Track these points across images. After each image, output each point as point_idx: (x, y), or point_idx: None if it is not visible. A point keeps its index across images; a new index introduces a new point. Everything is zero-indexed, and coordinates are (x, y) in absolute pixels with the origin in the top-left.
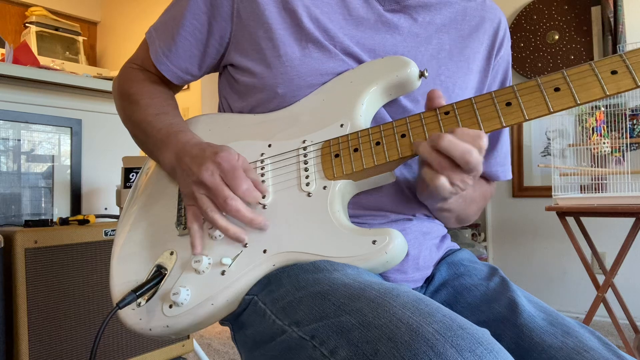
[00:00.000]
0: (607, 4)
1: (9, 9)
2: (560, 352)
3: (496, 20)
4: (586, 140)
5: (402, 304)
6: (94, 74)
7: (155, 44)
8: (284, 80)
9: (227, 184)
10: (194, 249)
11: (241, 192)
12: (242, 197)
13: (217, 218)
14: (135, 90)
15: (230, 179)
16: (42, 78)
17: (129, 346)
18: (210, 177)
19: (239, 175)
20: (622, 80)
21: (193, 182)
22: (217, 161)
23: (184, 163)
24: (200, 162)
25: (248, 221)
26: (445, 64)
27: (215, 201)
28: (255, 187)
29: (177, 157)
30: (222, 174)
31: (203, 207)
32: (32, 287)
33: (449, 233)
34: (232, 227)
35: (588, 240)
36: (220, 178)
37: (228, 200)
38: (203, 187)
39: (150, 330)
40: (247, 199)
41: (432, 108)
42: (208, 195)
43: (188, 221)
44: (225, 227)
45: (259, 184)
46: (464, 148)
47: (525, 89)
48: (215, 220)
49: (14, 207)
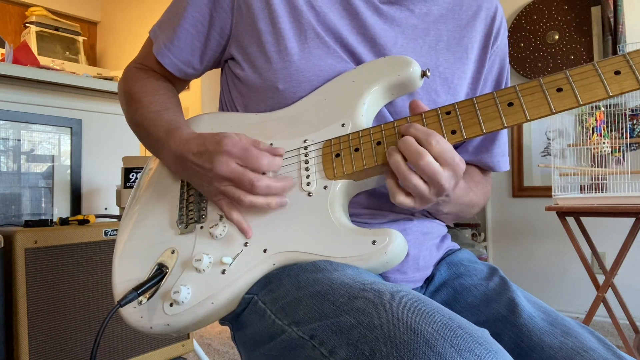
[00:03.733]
0: (607, 4)
1: (9, 9)
2: (559, 352)
3: (492, 9)
4: (586, 140)
5: (401, 304)
6: (94, 74)
7: (159, 39)
8: (284, 76)
9: (246, 166)
10: (247, 234)
11: (265, 166)
12: (268, 169)
13: (253, 200)
14: (138, 88)
15: (247, 160)
16: (42, 78)
17: (129, 346)
18: (228, 168)
19: (254, 153)
20: (625, 81)
21: (213, 178)
22: (226, 150)
23: (189, 162)
24: (209, 157)
25: (281, 190)
26: (444, 54)
27: (243, 187)
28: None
29: (179, 155)
30: (237, 160)
31: (235, 196)
32: (32, 287)
33: (449, 233)
34: (272, 200)
35: (588, 240)
36: (237, 164)
37: (255, 182)
38: (225, 179)
39: (151, 329)
40: (273, 169)
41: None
42: (233, 185)
43: (227, 214)
44: (267, 203)
45: (272, 149)
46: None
47: (527, 89)
48: (253, 202)
49: (14, 207)
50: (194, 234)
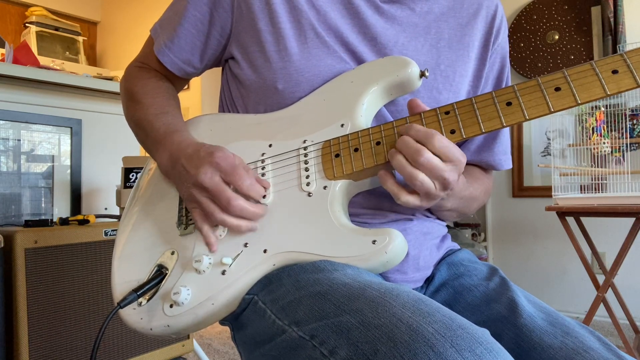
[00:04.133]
0: (607, 4)
1: (9, 9)
2: (560, 352)
3: (493, 7)
4: (586, 140)
5: (402, 304)
6: (94, 74)
7: (159, 38)
8: (283, 76)
9: (228, 182)
10: (211, 247)
11: (246, 188)
12: (247, 192)
13: (225, 218)
14: (139, 89)
15: (231, 177)
16: (42, 78)
17: (129, 346)
18: (210, 180)
19: (240, 173)
20: (623, 80)
21: (192, 184)
22: (215, 162)
23: (179, 164)
24: (197, 164)
25: (254, 216)
26: (445, 52)
27: (218, 203)
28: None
29: (171, 157)
30: (222, 174)
31: (209, 210)
32: (32, 287)
33: (448, 233)
34: (243, 223)
35: (588, 240)
36: (220, 178)
37: (231, 201)
38: (203, 190)
39: (151, 330)
40: (251, 194)
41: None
42: (209, 197)
43: (197, 223)
44: (237, 225)
45: (260, 179)
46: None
47: (525, 89)
48: (225, 221)
49: (14, 207)
50: (193, 235)
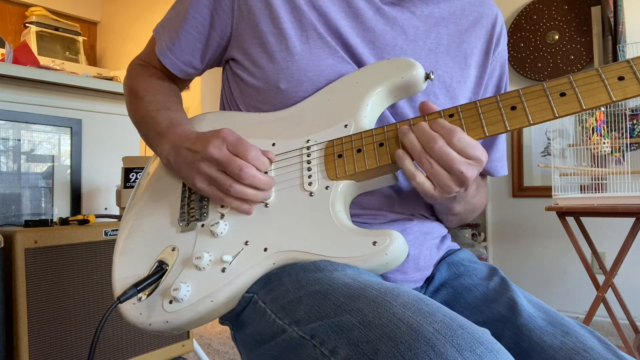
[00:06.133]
0: (607, 4)
1: (9, 9)
2: (559, 352)
3: (493, 16)
4: (586, 140)
5: (402, 304)
6: (94, 74)
7: (161, 39)
8: (286, 75)
9: (235, 154)
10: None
11: (251, 158)
12: (253, 162)
13: (243, 188)
14: (141, 86)
15: (238, 148)
16: (42, 78)
17: (129, 346)
18: (219, 151)
19: (245, 144)
20: (629, 87)
21: (202, 159)
22: (222, 136)
23: (183, 149)
24: (204, 142)
25: (265, 184)
26: (443, 58)
27: (230, 172)
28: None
29: (174, 146)
30: (229, 146)
31: (223, 183)
32: (32, 287)
33: (448, 233)
34: (260, 193)
35: (588, 240)
36: (228, 150)
37: (244, 167)
38: (214, 162)
39: (150, 325)
40: (257, 165)
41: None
42: (221, 169)
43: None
44: (254, 194)
45: (264, 151)
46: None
47: (530, 93)
48: (242, 191)
49: (14, 207)
50: (194, 231)
